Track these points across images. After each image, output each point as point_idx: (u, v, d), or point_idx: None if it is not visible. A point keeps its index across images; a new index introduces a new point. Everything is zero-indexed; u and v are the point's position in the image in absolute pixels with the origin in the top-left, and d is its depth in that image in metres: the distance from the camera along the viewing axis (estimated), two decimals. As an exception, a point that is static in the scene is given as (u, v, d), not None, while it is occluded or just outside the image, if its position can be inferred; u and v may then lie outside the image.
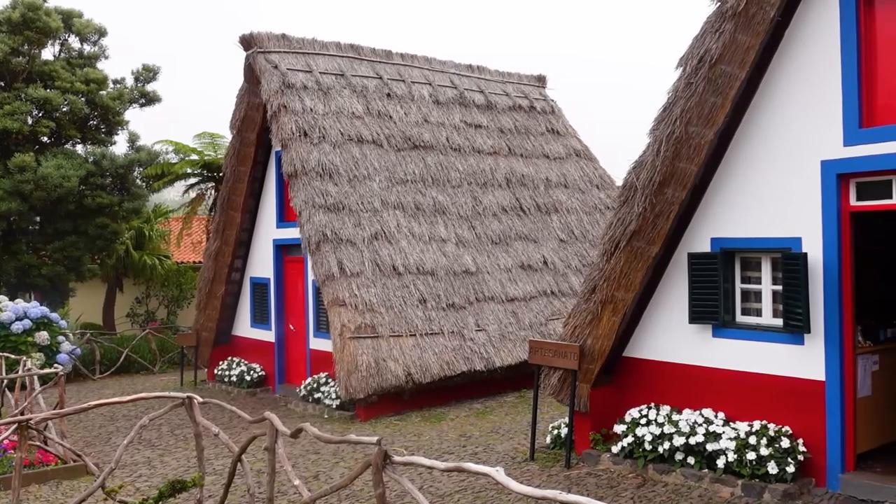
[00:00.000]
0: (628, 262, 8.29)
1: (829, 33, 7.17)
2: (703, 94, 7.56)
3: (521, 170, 15.45)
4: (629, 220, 8.19)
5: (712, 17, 7.52)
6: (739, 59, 7.41)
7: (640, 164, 8.13)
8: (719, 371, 8.10)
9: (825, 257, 7.23)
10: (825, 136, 7.23)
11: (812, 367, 7.34)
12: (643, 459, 8.03)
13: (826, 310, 7.23)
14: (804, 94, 7.37)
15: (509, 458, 9.19)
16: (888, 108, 6.98)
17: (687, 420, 7.95)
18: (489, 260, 13.87)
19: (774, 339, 7.65)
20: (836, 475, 7.20)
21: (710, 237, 8.15)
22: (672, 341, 8.52)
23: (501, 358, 12.78)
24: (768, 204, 7.66)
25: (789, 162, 7.49)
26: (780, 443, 7.30)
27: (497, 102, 16.15)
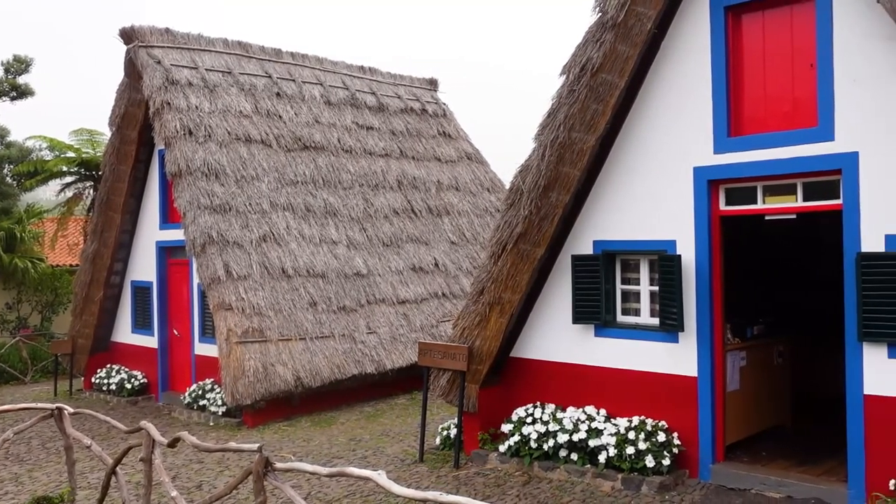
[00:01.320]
0: (515, 264, 8.45)
1: (701, 47, 7.55)
2: (586, 101, 7.79)
3: (412, 172, 15.50)
4: (515, 222, 8.34)
5: (594, 27, 7.77)
6: (619, 68, 7.69)
7: (526, 168, 8.31)
8: (601, 369, 8.37)
9: (697, 259, 7.60)
10: (697, 144, 7.60)
11: (686, 364, 7.70)
12: (529, 457, 8.19)
13: (698, 309, 7.61)
14: (678, 104, 7.72)
15: (399, 460, 9.18)
16: (754, 118, 7.42)
17: (571, 417, 8.17)
18: (380, 262, 13.83)
19: (652, 338, 7.97)
20: (708, 466, 7.58)
21: (593, 240, 8.42)
22: (557, 341, 8.75)
23: (393, 360, 12.76)
24: (646, 208, 7.99)
25: (665, 168, 7.83)
26: (656, 437, 7.62)
27: (389, 104, 16.14)
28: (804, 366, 9.75)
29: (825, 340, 9.45)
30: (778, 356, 8.97)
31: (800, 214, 7.51)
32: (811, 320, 9.94)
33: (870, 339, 6.54)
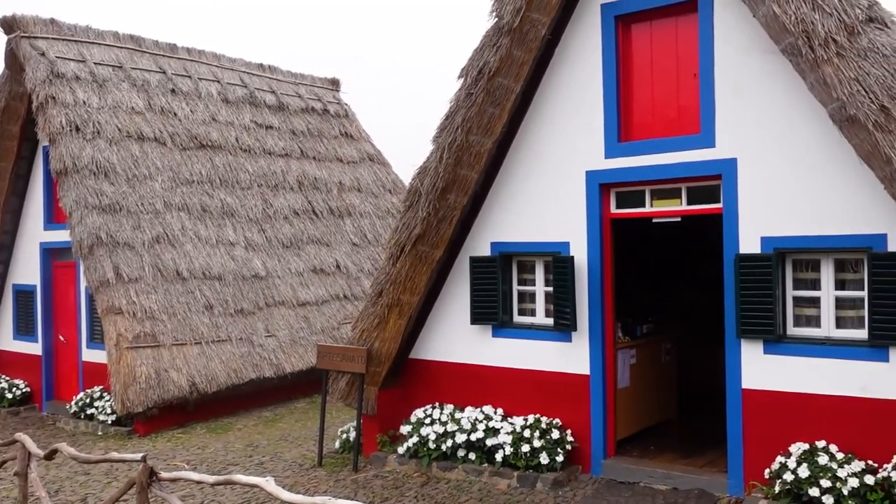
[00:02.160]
0: (413, 266, 8.47)
1: (593, 54, 7.77)
2: (483, 104, 7.89)
3: (313, 173, 15.30)
4: (414, 224, 8.36)
5: (490, 31, 7.87)
6: (515, 72, 7.82)
7: (424, 171, 8.34)
8: (499, 369, 8.50)
9: (590, 261, 7.82)
10: (589, 149, 7.82)
11: (578, 363, 7.91)
12: (427, 458, 8.23)
13: (590, 309, 7.83)
14: (572, 109, 7.93)
15: (297, 465, 9.04)
16: (643, 125, 7.69)
17: (469, 417, 8.25)
18: (280, 264, 13.59)
19: (547, 338, 8.15)
20: (600, 461, 7.81)
21: (490, 241, 8.53)
22: (455, 342, 8.82)
23: (292, 364, 12.56)
24: (541, 210, 8.16)
25: (559, 171, 8.02)
26: (551, 434, 7.79)
27: (289, 104, 15.88)
28: (690, 362, 10.20)
29: (709, 338, 9.90)
30: (665, 353, 9.34)
31: (685, 217, 7.84)
32: (698, 318, 10.40)
33: (747, 336, 6.89)
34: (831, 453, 6.37)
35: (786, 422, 6.75)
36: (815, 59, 6.00)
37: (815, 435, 6.59)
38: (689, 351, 10.15)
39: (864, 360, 6.39)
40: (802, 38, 6.02)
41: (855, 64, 5.82)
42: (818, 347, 6.63)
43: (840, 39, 5.89)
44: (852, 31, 5.90)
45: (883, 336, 6.24)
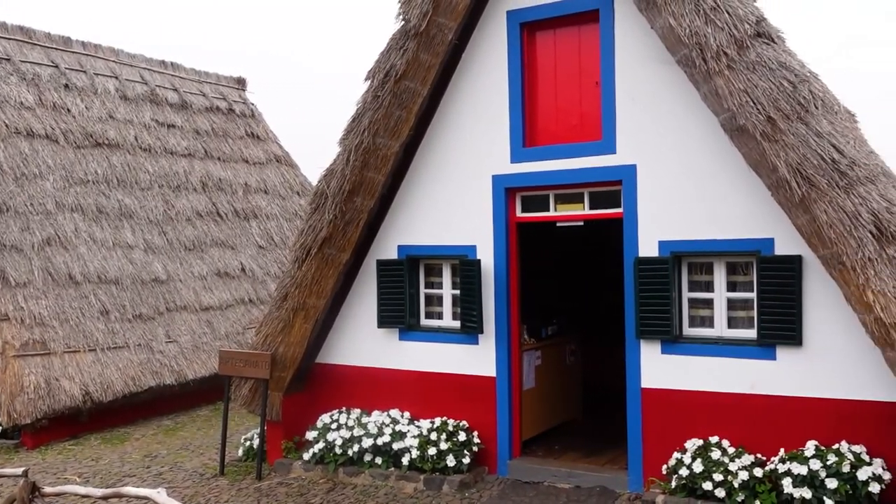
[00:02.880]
0: (320, 269, 8.35)
1: (499, 60, 7.86)
2: (390, 107, 7.86)
3: (218, 174, 14.88)
4: (320, 227, 8.25)
5: (397, 34, 7.86)
6: (422, 76, 7.83)
7: (331, 173, 8.24)
8: (406, 372, 8.48)
9: (496, 264, 7.91)
10: (496, 153, 7.91)
11: (485, 365, 7.98)
12: (334, 464, 8.12)
13: (497, 312, 7.91)
14: (478, 113, 8.00)
15: (198, 474, 8.75)
16: (546, 130, 7.84)
17: (375, 422, 8.20)
18: (182, 267, 13.15)
19: (454, 340, 8.19)
20: (506, 462, 7.90)
21: (398, 244, 8.51)
22: (363, 346, 8.75)
23: (195, 370, 12.16)
24: (448, 213, 8.19)
25: (466, 175, 8.07)
26: (458, 437, 7.82)
27: (193, 102, 15.40)
28: (596, 362, 10.44)
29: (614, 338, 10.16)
30: (570, 354, 9.55)
31: (589, 221, 8.02)
32: (603, 320, 10.67)
33: (646, 337, 7.12)
34: (724, 448, 6.65)
35: (682, 419, 7.00)
36: (707, 71, 6.26)
37: (709, 431, 6.86)
38: (594, 351, 10.40)
39: (753, 359, 6.70)
40: (696, 50, 6.27)
41: (744, 76, 6.10)
42: (712, 347, 6.91)
43: (731, 53, 6.16)
44: (742, 45, 6.18)
45: (770, 335, 6.56)
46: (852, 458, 6.04)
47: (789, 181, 5.91)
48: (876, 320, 5.65)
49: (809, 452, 6.22)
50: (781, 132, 5.95)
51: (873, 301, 5.61)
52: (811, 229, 5.95)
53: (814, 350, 6.43)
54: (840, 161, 5.78)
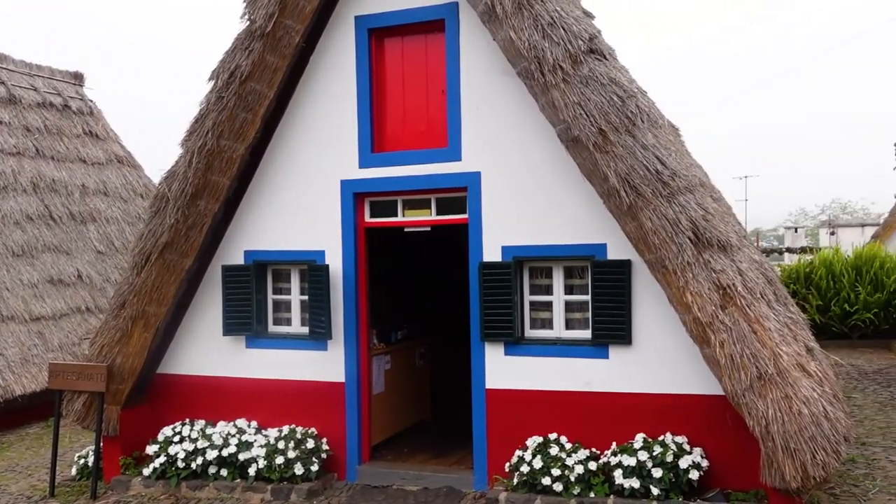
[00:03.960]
0: (160, 276, 8.00)
1: (347, 65, 7.85)
2: (234, 108, 7.66)
3: (51, 174, 13.91)
4: (161, 231, 7.91)
5: (242, 34, 7.67)
6: (268, 78, 7.68)
7: (173, 175, 7.92)
8: (253, 381, 8.28)
9: (345, 269, 7.88)
10: (344, 158, 7.89)
11: (334, 371, 7.93)
12: (176, 478, 7.79)
13: (346, 317, 7.89)
14: (327, 118, 7.95)
15: (25, 497, 8.15)
16: (395, 137, 7.90)
17: (221, 432, 7.95)
18: (9, 274, 12.18)
19: (302, 347, 8.08)
20: (355, 467, 7.88)
21: (244, 249, 8.30)
22: (207, 354, 8.46)
23: (24, 385, 11.29)
24: (297, 218, 8.08)
25: (314, 179, 8.00)
26: (306, 444, 7.73)
27: (23, 97, 14.32)
28: (447, 365, 10.62)
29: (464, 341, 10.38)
30: (420, 357, 9.67)
31: (437, 226, 8.16)
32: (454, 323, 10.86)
33: (490, 339, 7.33)
34: (562, 444, 6.96)
35: (524, 418, 7.26)
36: (545, 83, 6.54)
37: (549, 428, 7.16)
38: (445, 354, 10.57)
39: (588, 358, 7.06)
40: (535, 63, 6.54)
41: (578, 90, 6.43)
42: (551, 347, 7.22)
43: (566, 67, 6.47)
44: (576, 60, 6.51)
45: (603, 336, 6.94)
46: (675, 449, 6.49)
47: (619, 190, 6.27)
48: (694, 320, 6.10)
49: (638, 445, 6.63)
50: (612, 144, 6.31)
51: (692, 302, 6.06)
52: (638, 235, 6.35)
53: (642, 349, 6.87)
54: (663, 172, 6.20)
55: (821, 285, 17.21)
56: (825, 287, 17.17)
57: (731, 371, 5.93)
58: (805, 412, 5.68)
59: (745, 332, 5.95)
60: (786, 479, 5.68)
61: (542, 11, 6.59)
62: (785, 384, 5.78)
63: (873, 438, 8.87)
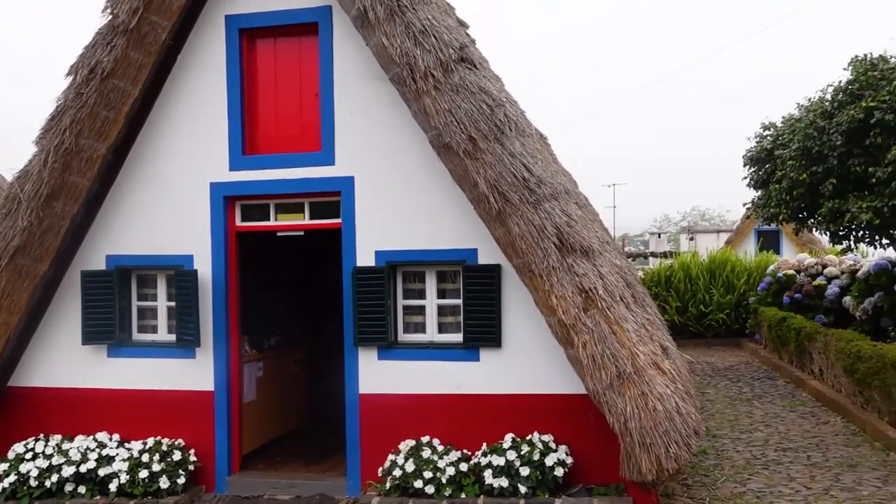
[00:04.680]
0: (11, 282, 7.51)
1: (217, 64, 7.66)
2: (95, 106, 7.30)
3: None
4: (12, 235, 7.43)
5: (104, 29, 7.33)
6: (132, 75, 7.37)
7: (26, 175, 7.47)
8: (116, 392, 7.90)
9: (214, 274, 7.67)
10: (214, 160, 7.68)
11: (203, 379, 7.70)
12: (28, 497, 7.32)
13: (215, 323, 7.68)
14: (196, 118, 7.71)
15: None
16: (268, 139, 7.78)
17: (79, 447, 7.54)
18: None
19: (169, 355, 7.80)
20: (224, 478, 7.67)
21: (106, 254, 7.93)
22: (65, 365, 8.01)
23: None
24: (163, 221, 7.80)
25: (182, 182, 7.74)
26: (172, 456, 7.45)
27: None
28: (323, 370, 10.52)
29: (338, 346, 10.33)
30: (294, 364, 9.55)
31: (312, 231, 8.09)
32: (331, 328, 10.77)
33: (363, 344, 7.34)
34: (434, 447, 7.05)
35: (398, 422, 7.31)
36: (417, 90, 6.63)
37: (422, 431, 7.23)
38: (321, 360, 10.47)
39: (460, 361, 7.20)
40: (406, 69, 6.62)
41: (449, 97, 6.56)
42: (424, 351, 7.30)
43: (437, 74, 6.59)
44: (447, 68, 6.64)
45: (474, 339, 7.10)
46: (542, 447, 6.73)
47: (488, 196, 6.45)
48: (559, 322, 6.35)
49: (507, 445, 6.82)
50: (481, 151, 6.48)
51: (556, 305, 6.31)
52: (506, 240, 6.54)
53: (511, 351, 7.07)
54: (529, 179, 6.43)
55: (679, 288, 18.29)
56: (683, 289, 18.26)
57: (592, 370, 6.21)
58: (660, 408, 6.03)
59: (606, 333, 6.26)
60: (642, 472, 6.01)
61: (413, 19, 6.68)
62: (641, 382, 6.12)
63: (723, 431, 9.52)
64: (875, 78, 10.08)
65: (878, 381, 9.05)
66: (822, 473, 7.70)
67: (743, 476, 7.69)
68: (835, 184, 10.33)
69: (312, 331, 10.65)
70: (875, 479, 7.48)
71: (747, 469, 7.91)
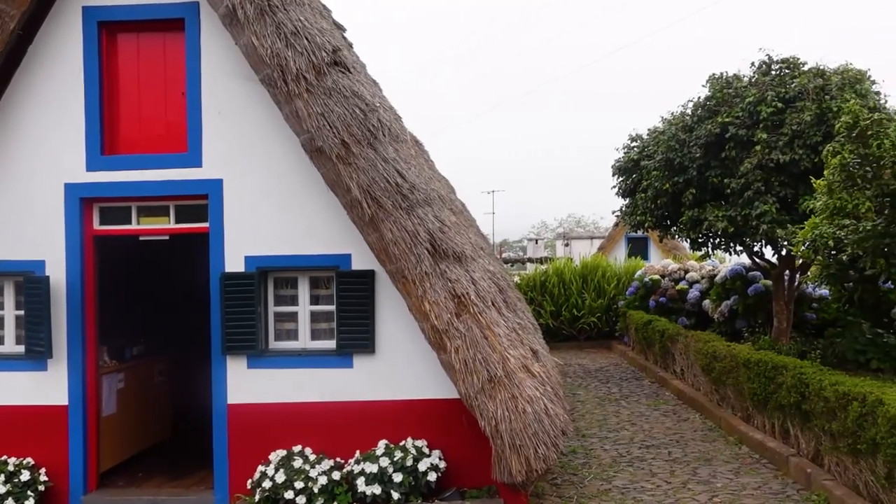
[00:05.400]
0: None
1: (74, 58, 7.21)
2: (-68, 98, 6.72)
3: None
4: None
5: (-57, 15, 6.76)
6: (-24, 66, 6.84)
7: None
8: (-45, 409, 7.27)
9: (69, 281, 7.21)
10: (70, 160, 7.22)
11: (55, 393, 7.21)
12: None
13: (70, 333, 7.21)
14: (49, 115, 7.23)
15: None
16: (130, 139, 7.39)
17: (-89, 470, 6.88)
18: None
19: (17, 368, 7.26)
20: (79, 498, 7.21)
21: (-55, 259, 7.29)
22: None
23: None
24: (11, 224, 7.25)
25: (33, 182, 7.24)
26: (20, 477, 6.93)
27: None
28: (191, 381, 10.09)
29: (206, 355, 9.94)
30: (159, 374, 9.11)
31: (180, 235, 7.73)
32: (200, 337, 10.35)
33: (232, 352, 7.09)
34: (306, 456, 6.90)
35: (269, 432, 7.10)
36: (288, 92, 6.48)
37: (294, 441, 7.06)
38: (189, 369, 10.04)
39: (333, 368, 7.08)
40: (278, 71, 6.46)
41: (322, 101, 6.45)
42: (297, 359, 7.14)
43: (310, 77, 6.47)
44: (320, 71, 6.53)
45: (348, 345, 7.00)
46: (415, 452, 6.71)
47: (361, 201, 6.38)
48: (432, 327, 6.36)
49: (380, 451, 6.76)
50: (354, 156, 6.41)
51: (429, 310, 6.32)
52: (380, 246, 6.50)
53: (385, 357, 7.02)
54: (403, 185, 6.41)
55: (554, 292, 18.84)
56: (557, 294, 18.82)
57: (465, 375, 6.25)
58: (529, 410, 6.15)
59: (478, 337, 6.32)
60: (513, 473, 6.10)
61: (285, 20, 6.53)
62: (512, 385, 6.22)
63: (592, 430, 9.85)
64: (730, 95, 10.72)
65: (731, 380, 9.62)
66: (681, 468, 8.10)
67: (609, 473, 7.97)
68: (694, 193, 10.91)
69: (180, 339, 10.20)
70: (728, 472, 7.93)
71: (613, 466, 8.21)
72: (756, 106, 10.16)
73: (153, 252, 9.58)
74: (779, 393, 8.10)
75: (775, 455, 8.10)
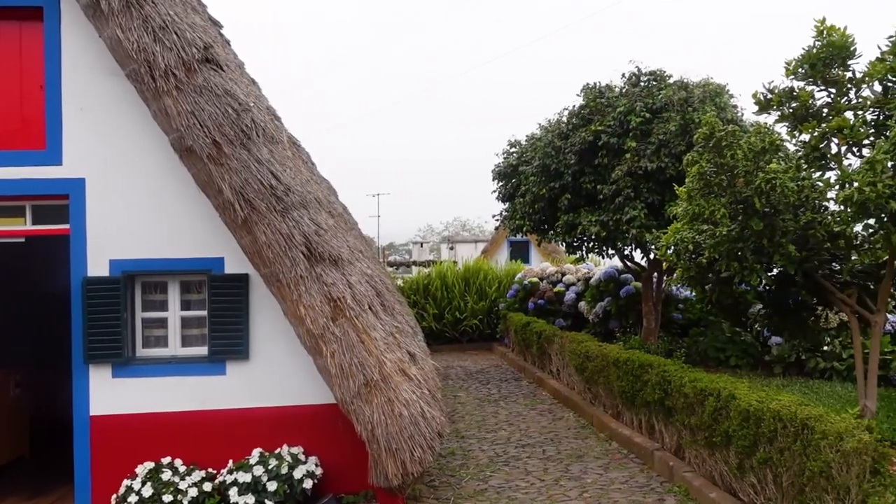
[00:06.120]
0: None
1: (-84, 45, 6.67)
2: None
3: None
4: None
5: None
6: None
7: None
8: None
9: None
10: (-89, 155, 6.67)
11: None
12: None
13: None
14: None
15: None
16: (-18, 134, 6.90)
17: None
18: None
19: None
20: (-79, 522, 6.66)
21: None
22: None
23: None
24: None
25: None
26: None
27: None
28: (52, 392, 9.52)
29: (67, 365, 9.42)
30: (16, 386, 8.54)
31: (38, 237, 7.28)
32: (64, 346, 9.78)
33: (95, 361, 6.74)
34: (175, 468, 6.64)
35: (135, 444, 6.79)
36: (156, 89, 6.24)
37: (163, 452, 6.79)
38: (50, 381, 9.47)
39: (205, 375, 6.86)
40: (145, 66, 6.21)
41: (192, 99, 6.24)
42: (166, 367, 6.87)
43: (179, 74, 6.25)
44: (190, 68, 6.32)
45: (221, 351, 6.81)
46: (290, 460, 6.59)
47: (234, 203, 6.22)
48: (308, 332, 6.28)
49: (254, 460, 6.60)
50: (226, 156, 6.24)
51: (305, 314, 6.23)
52: (253, 249, 6.35)
53: (259, 363, 6.87)
54: (277, 187, 6.30)
55: (437, 295, 19.00)
56: (440, 297, 19.00)
57: (341, 380, 6.21)
58: (405, 413, 6.17)
59: (354, 342, 6.29)
60: (389, 477, 6.10)
61: (153, 13, 6.29)
62: (388, 389, 6.22)
63: (471, 431, 9.99)
64: (602, 105, 11.17)
65: (602, 379, 10.01)
66: (555, 465, 8.35)
67: (486, 473, 8.11)
68: (569, 199, 11.29)
69: (41, 349, 9.61)
70: (598, 468, 8.24)
71: (490, 466, 8.36)
72: (626, 115, 10.64)
73: (11, 256, 8.99)
74: (645, 390, 8.49)
75: (642, 450, 8.49)
